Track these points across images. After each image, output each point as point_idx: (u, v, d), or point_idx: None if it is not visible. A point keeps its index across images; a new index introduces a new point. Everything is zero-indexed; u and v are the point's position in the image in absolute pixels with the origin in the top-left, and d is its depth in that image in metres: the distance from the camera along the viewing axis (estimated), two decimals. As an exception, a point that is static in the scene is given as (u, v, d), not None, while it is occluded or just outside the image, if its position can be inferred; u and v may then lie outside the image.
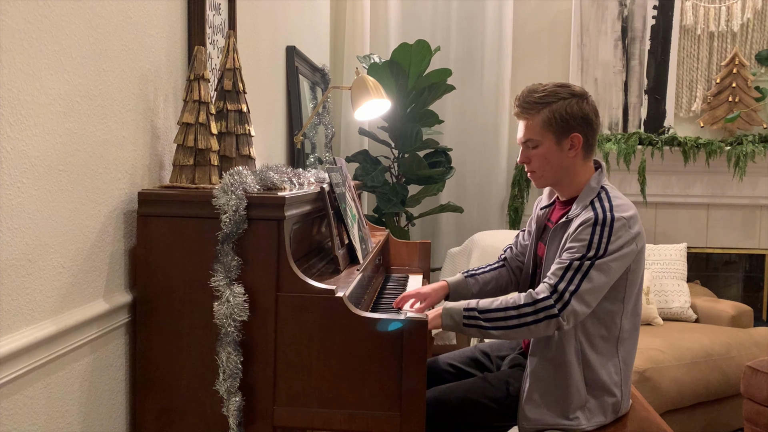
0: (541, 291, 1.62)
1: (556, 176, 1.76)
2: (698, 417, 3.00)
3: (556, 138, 1.71)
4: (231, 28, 2.11)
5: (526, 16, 4.23)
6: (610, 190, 1.73)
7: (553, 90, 1.72)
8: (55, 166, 1.27)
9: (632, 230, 1.66)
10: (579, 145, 1.72)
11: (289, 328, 1.50)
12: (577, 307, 1.60)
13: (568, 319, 1.60)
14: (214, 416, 1.51)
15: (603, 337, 1.70)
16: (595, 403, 1.70)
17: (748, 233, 4.22)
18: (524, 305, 1.61)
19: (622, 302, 1.70)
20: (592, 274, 1.60)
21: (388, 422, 1.49)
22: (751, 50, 4.18)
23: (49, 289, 1.28)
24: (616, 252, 1.62)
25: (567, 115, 1.69)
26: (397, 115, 3.54)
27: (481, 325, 1.63)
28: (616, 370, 1.72)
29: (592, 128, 1.73)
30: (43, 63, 1.22)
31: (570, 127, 1.70)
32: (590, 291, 1.60)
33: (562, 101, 1.70)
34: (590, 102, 1.74)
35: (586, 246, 1.62)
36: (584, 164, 1.76)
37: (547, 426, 1.69)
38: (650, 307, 3.30)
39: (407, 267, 2.63)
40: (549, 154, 1.72)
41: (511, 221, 4.16)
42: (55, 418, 1.31)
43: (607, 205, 1.66)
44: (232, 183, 1.47)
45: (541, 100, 1.71)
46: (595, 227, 1.63)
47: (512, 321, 1.61)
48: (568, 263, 1.62)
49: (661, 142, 4.02)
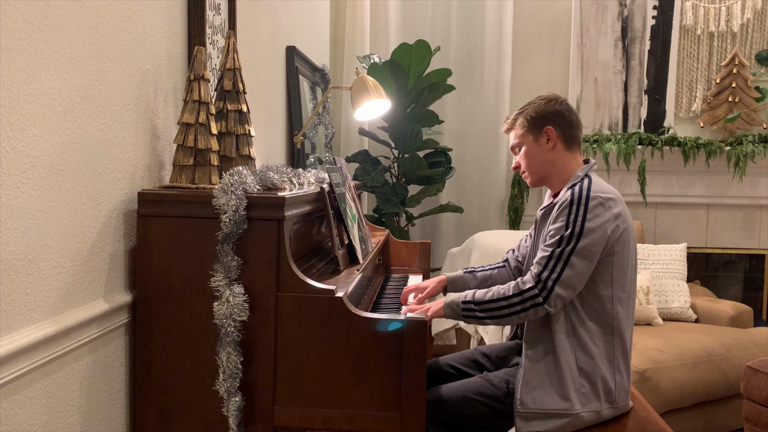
0: (527, 281, 1.72)
1: (541, 171, 1.88)
2: (698, 417, 3.00)
3: (533, 136, 1.87)
4: (231, 28, 2.11)
5: (526, 16, 4.23)
6: (594, 177, 1.81)
7: (528, 102, 1.92)
8: (55, 166, 1.27)
9: (612, 210, 1.72)
10: (554, 137, 1.84)
11: (289, 328, 1.50)
12: (561, 292, 1.69)
13: (555, 305, 1.70)
14: (214, 416, 1.51)
15: (595, 321, 1.75)
16: (589, 388, 1.73)
17: (748, 233, 4.22)
18: (512, 296, 1.72)
19: (611, 286, 1.75)
20: (573, 261, 1.69)
21: (388, 422, 1.49)
22: (751, 50, 4.18)
23: (49, 289, 1.28)
24: (594, 231, 1.69)
25: (537, 114, 1.86)
26: (397, 115, 3.54)
27: (477, 315, 1.76)
28: (609, 355, 1.75)
29: (566, 120, 1.87)
30: (43, 63, 1.22)
31: (542, 122, 1.86)
32: (573, 277, 1.69)
33: (534, 105, 1.89)
34: (561, 102, 1.89)
35: (563, 226, 1.71)
36: (569, 156, 1.86)
37: (541, 409, 1.71)
38: (650, 307, 3.30)
39: (407, 267, 2.63)
40: (530, 151, 1.88)
41: (511, 221, 4.16)
42: (55, 418, 1.31)
43: (585, 186, 1.75)
44: (232, 183, 1.47)
45: (519, 111, 1.92)
46: (571, 206, 1.72)
47: (504, 311, 1.73)
48: (550, 251, 1.71)
49: (661, 142, 4.02)
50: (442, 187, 3.82)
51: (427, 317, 1.55)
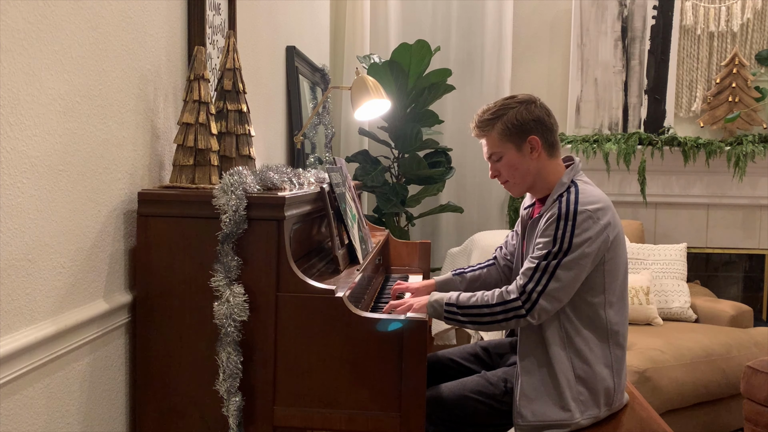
0: (512, 291, 1.70)
1: (526, 181, 1.82)
2: (698, 417, 3.00)
3: (516, 145, 1.79)
4: (231, 28, 2.11)
5: (526, 16, 4.23)
6: (580, 184, 1.77)
7: (501, 104, 1.82)
8: (55, 166, 1.27)
9: (600, 221, 1.69)
10: (539, 146, 1.78)
11: (289, 328, 1.50)
12: (546, 305, 1.67)
13: (538, 317, 1.68)
14: (214, 416, 1.51)
15: (589, 328, 1.74)
16: (588, 395, 1.72)
17: (748, 233, 4.22)
18: (496, 305, 1.71)
19: (603, 293, 1.73)
20: (558, 274, 1.66)
21: (387, 422, 1.49)
22: (751, 50, 4.18)
23: (49, 289, 1.28)
24: (583, 245, 1.67)
25: (518, 122, 1.78)
26: (397, 115, 3.54)
27: (459, 319, 1.75)
28: (606, 361, 1.74)
29: (547, 128, 1.80)
30: (43, 63, 1.22)
31: (525, 131, 1.78)
32: (558, 289, 1.67)
33: (512, 110, 1.79)
34: (539, 105, 1.82)
35: (551, 241, 1.68)
36: (551, 163, 1.82)
37: (541, 421, 1.70)
38: (650, 307, 3.30)
39: (407, 267, 2.63)
40: (514, 161, 1.80)
41: (511, 221, 4.16)
42: (55, 418, 1.31)
43: (573, 198, 1.71)
44: (232, 183, 1.47)
45: (492, 116, 1.81)
46: (558, 222, 1.68)
47: (485, 318, 1.72)
48: (536, 264, 1.69)
49: (661, 142, 4.02)
50: (442, 187, 3.82)
51: (406, 316, 1.54)
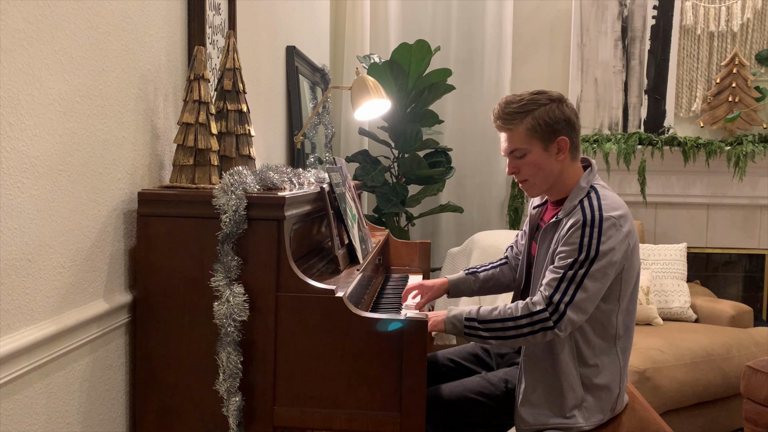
0: (538, 302, 1.63)
1: (548, 182, 1.76)
2: (698, 417, 3.00)
3: (544, 144, 1.71)
4: (231, 28, 2.11)
5: (526, 16, 4.23)
6: (599, 188, 1.73)
7: (531, 98, 1.72)
8: (55, 166, 1.27)
9: (623, 229, 1.65)
10: (566, 148, 1.72)
11: (289, 328, 1.50)
12: (573, 316, 1.61)
13: (565, 329, 1.62)
14: (214, 416, 1.51)
15: (599, 335, 1.71)
16: (593, 402, 1.70)
17: (748, 233, 4.22)
18: (521, 317, 1.63)
19: (617, 300, 1.70)
20: (586, 284, 1.61)
21: (388, 422, 1.49)
22: (751, 50, 4.18)
23: (49, 289, 1.28)
24: (609, 253, 1.62)
25: (551, 120, 1.70)
26: (397, 115, 3.54)
27: (481, 335, 1.67)
28: (615, 368, 1.72)
29: (575, 130, 1.75)
30: (43, 63, 1.22)
31: (555, 131, 1.71)
32: (585, 300, 1.61)
33: (543, 107, 1.70)
34: (569, 105, 1.75)
35: (577, 249, 1.62)
36: (573, 165, 1.77)
37: (543, 426, 1.69)
38: (650, 307, 3.30)
39: (407, 267, 2.63)
40: (538, 161, 1.72)
41: (511, 221, 4.16)
42: (55, 418, 1.31)
43: (596, 204, 1.66)
44: (232, 183, 1.47)
45: (521, 109, 1.71)
46: (584, 229, 1.63)
47: (510, 332, 1.64)
48: (562, 273, 1.62)
49: (661, 142, 4.02)
50: (442, 187, 3.82)
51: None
